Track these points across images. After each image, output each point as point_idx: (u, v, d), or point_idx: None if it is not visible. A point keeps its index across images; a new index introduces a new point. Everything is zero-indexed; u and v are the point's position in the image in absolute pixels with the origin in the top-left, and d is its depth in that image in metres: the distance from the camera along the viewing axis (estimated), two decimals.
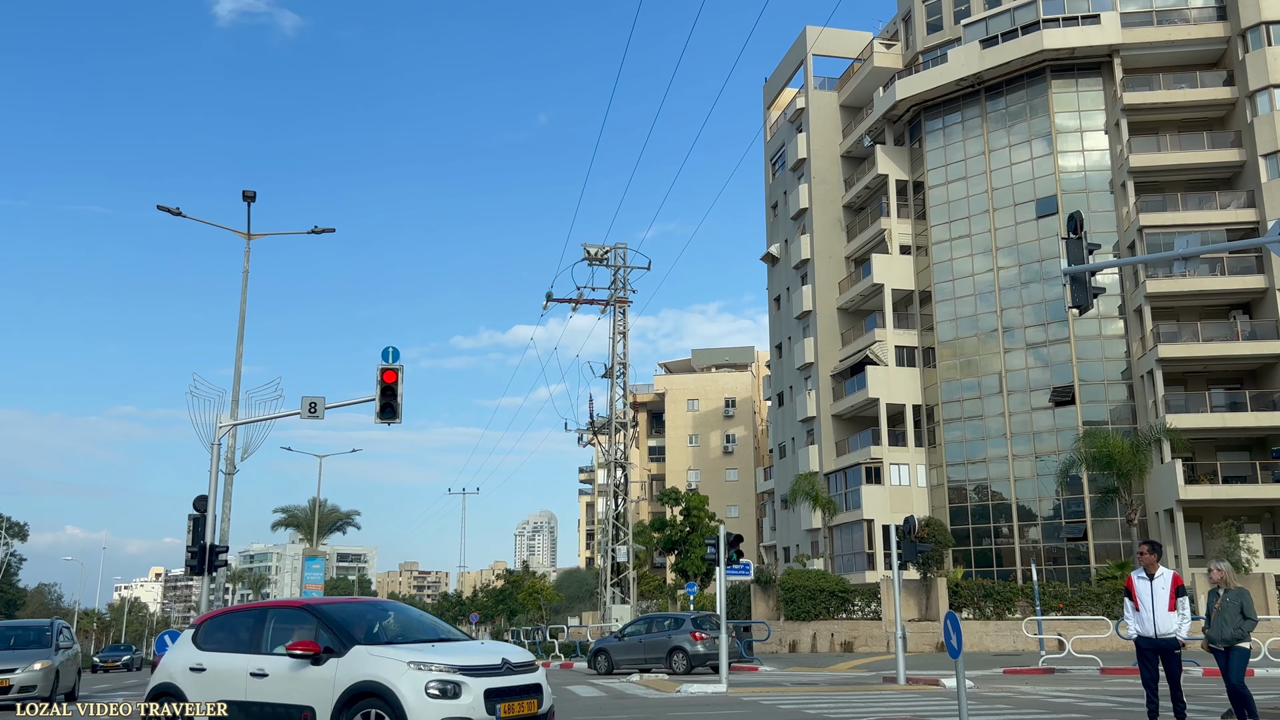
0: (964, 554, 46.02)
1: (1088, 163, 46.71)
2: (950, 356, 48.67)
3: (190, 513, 21.33)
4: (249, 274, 25.56)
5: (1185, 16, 46.25)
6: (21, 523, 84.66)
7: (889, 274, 49.84)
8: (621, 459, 46.34)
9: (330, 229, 26.50)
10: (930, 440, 49.27)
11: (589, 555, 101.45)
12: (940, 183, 50.27)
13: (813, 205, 54.89)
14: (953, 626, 10.93)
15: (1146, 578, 11.15)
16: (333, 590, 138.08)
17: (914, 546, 21.34)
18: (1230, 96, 44.68)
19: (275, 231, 27.81)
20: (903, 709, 14.90)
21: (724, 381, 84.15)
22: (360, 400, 21.83)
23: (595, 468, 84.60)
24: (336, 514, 78.83)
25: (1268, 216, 41.60)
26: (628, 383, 46.33)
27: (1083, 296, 15.92)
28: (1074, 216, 16.21)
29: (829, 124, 56.14)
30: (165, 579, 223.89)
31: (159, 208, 25.15)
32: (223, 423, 22.76)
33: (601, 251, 46.27)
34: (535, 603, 67.13)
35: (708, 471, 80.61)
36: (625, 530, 45.55)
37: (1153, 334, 42.17)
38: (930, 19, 52.58)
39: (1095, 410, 44.63)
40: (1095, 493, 42.11)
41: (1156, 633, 10.95)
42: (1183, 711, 11.03)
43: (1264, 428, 41.03)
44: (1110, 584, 35.21)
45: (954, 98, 49.94)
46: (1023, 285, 47.01)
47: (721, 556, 20.99)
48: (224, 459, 23.05)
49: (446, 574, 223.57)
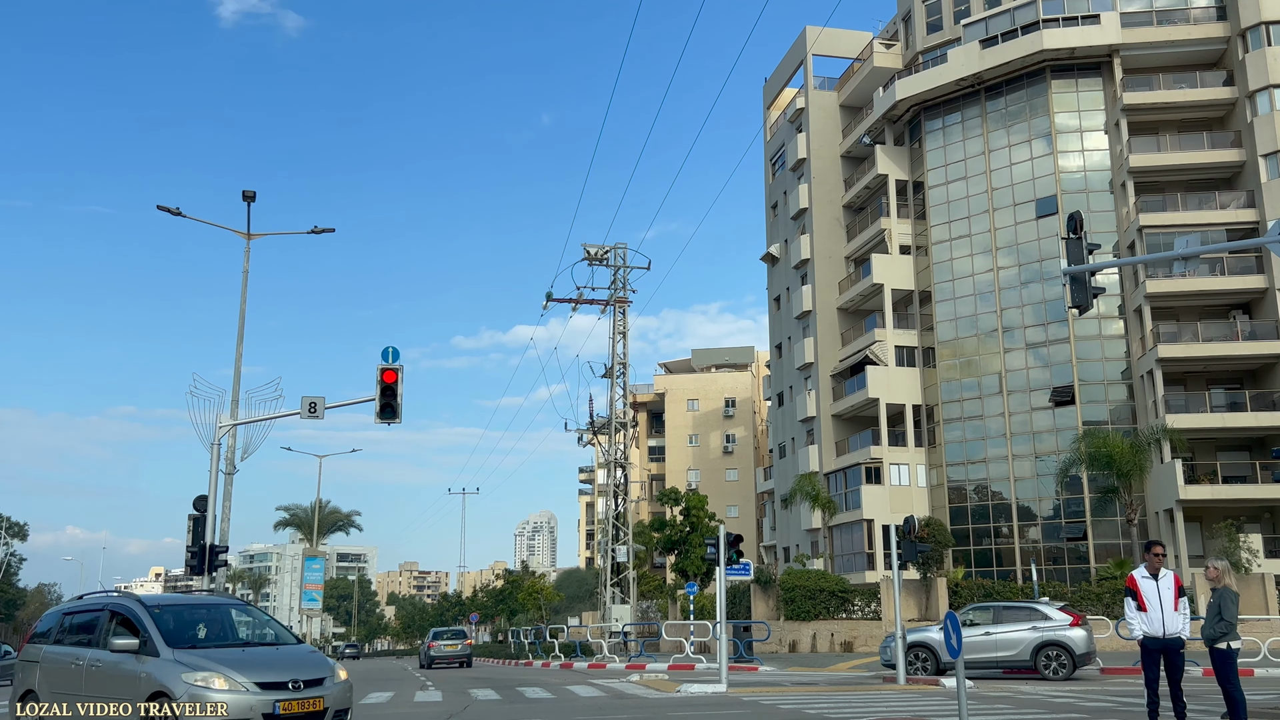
0: (964, 554, 46.02)
1: (1088, 163, 46.70)
2: (950, 356, 48.66)
3: (190, 513, 21.35)
4: (249, 274, 25.57)
5: (1185, 16, 46.24)
6: (21, 523, 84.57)
7: (889, 274, 49.84)
8: (621, 459, 46.32)
9: (330, 229, 26.51)
10: (930, 440, 49.26)
11: (589, 555, 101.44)
12: (940, 183, 50.26)
13: (813, 205, 54.89)
14: (952, 626, 10.94)
15: (1151, 577, 11.10)
16: (332, 590, 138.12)
17: (914, 546, 21.33)
18: (1230, 96, 44.67)
19: (275, 231, 27.84)
20: (903, 709, 14.89)
21: (724, 381, 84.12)
22: (360, 400, 21.84)
23: (595, 468, 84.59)
24: (337, 514, 78.97)
25: (1268, 216, 41.60)
26: (628, 383, 46.30)
27: (1083, 296, 15.92)
28: (1074, 216, 16.21)
29: (829, 124, 56.14)
30: (165, 579, 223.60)
31: (159, 208, 25.16)
32: (223, 423, 22.76)
33: (601, 251, 46.23)
34: (535, 603, 67.12)
35: (708, 471, 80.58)
36: (625, 530, 45.53)
37: (1153, 334, 42.16)
38: (930, 19, 52.58)
39: (1095, 410, 44.62)
40: (1095, 493, 42.10)
41: (1165, 632, 10.92)
42: (1183, 711, 11.02)
43: (1264, 428, 41.02)
44: (1110, 584, 35.20)
45: (954, 98, 49.93)
46: (1023, 285, 47.01)
47: (721, 556, 20.98)
48: (224, 459, 23.04)
49: (446, 574, 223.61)
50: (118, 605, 11.04)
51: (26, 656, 11.71)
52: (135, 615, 10.58)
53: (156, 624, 10.36)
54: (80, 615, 11.52)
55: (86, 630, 11.09)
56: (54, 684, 10.89)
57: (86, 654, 10.70)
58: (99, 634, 10.75)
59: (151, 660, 9.90)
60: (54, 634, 11.55)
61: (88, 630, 11.07)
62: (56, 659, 11.11)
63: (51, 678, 11.00)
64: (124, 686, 9.96)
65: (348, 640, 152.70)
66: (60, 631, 11.51)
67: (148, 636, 10.16)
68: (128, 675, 9.98)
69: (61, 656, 11.06)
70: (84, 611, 11.52)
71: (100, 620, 10.92)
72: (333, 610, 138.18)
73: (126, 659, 10.12)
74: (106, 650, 10.42)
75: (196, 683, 9.48)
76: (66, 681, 10.73)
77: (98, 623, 10.93)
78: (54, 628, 11.67)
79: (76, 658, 10.80)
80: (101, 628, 10.78)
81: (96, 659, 10.49)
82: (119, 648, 10.15)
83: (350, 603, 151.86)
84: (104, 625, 10.77)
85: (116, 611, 10.89)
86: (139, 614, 10.56)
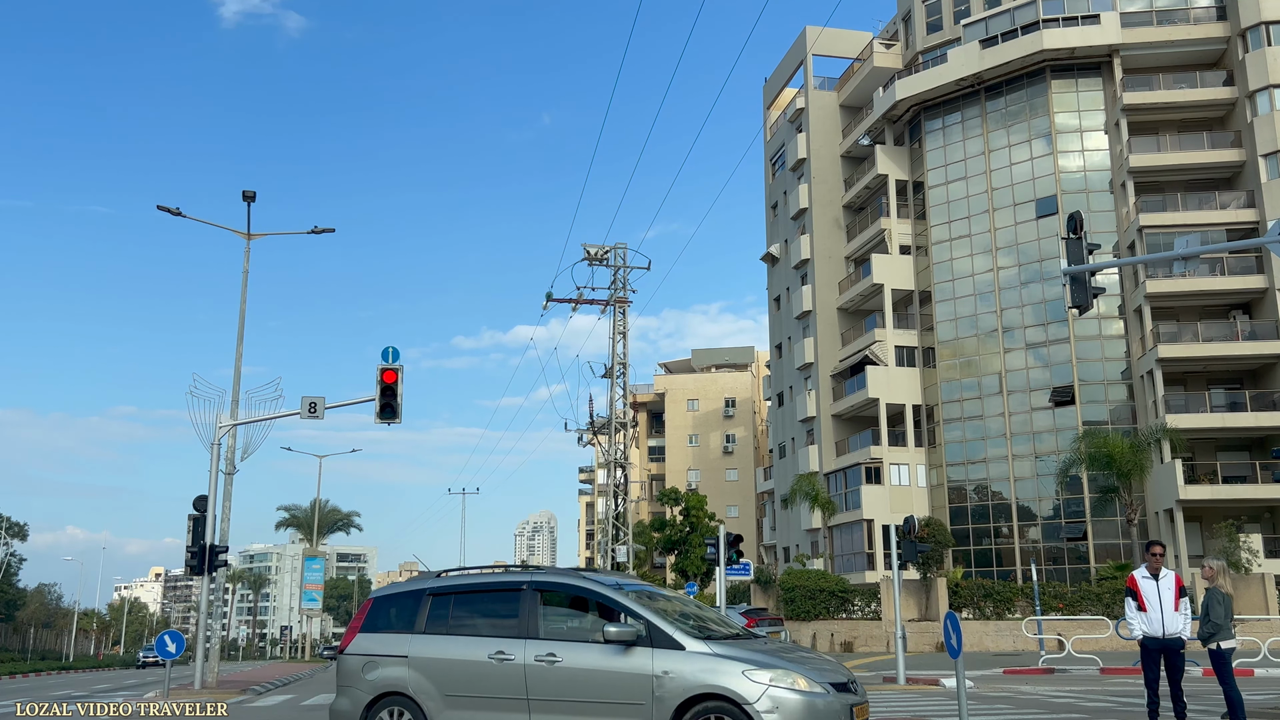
0: (964, 554, 46.02)
1: (1088, 163, 46.70)
2: (950, 356, 48.66)
3: (190, 513, 21.35)
4: (249, 274, 25.54)
5: (1185, 16, 46.24)
6: (21, 523, 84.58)
7: (889, 274, 49.84)
8: (621, 459, 46.30)
9: (330, 229, 26.47)
10: (930, 440, 49.26)
11: (589, 555, 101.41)
12: (940, 183, 50.27)
13: (812, 205, 54.90)
14: (953, 626, 10.94)
15: (1151, 577, 11.10)
16: (332, 590, 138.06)
17: (914, 546, 21.34)
18: (1230, 96, 44.67)
19: (275, 231, 27.79)
20: (903, 709, 14.89)
21: (724, 381, 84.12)
22: (360, 400, 21.84)
23: (595, 468, 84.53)
24: (337, 514, 79.01)
25: (1268, 216, 41.60)
26: (628, 383, 46.27)
27: (1083, 296, 15.92)
28: (1074, 216, 16.20)
29: (829, 124, 56.15)
30: (165, 579, 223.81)
31: (159, 208, 25.12)
32: (223, 423, 22.76)
33: (601, 251, 46.17)
34: None
35: (708, 471, 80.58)
36: (625, 530, 45.52)
37: (1153, 334, 42.16)
38: (930, 19, 52.59)
39: (1095, 410, 44.62)
40: (1095, 493, 42.09)
41: (1165, 633, 10.92)
42: (1183, 711, 11.02)
43: (1264, 428, 41.01)
44: (1110, 584, 35.22)
45: (954, 98, 49.93)
46: (1023, 285, 47.01)
47: (721, 556, 20.99)
48: (224, 459, 23.04)
49: None
50: (556, 584, 9.03)
51: (378, 649, 9.23)
52: (607, 598, 8.60)
53: (650, 609, 8.38)
54: (476, 597, 9.24)
55: (494, 615, 9.00)
56: (446, 684, 8.78)
57: (520, 646, 8.55)
58: (528, 620, 8.67)
59: (670, 654, 7.99)
60: (421, 622, 9.17)
61: (496, 615, 8.97)
62: (448, 652, 8.88)
63: (439, 676, 8.82)
64: (616, 688, 8.06)
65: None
66: (436, 619, 9.15)
67: (651, 624, 8.16)
68: (625, 674, 8.05)
69: (459, 649, 8.85)
70: (482, 591, 9.27)
71: (525, 602, 8.79)
72: (333, 610, 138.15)
73: (612, 652, 8.17)
74: (567, 641, 8.50)
75: (772, 683, 7.64)
76: (474, 681, 8.65)
77: (522, 606, 8.78)
78: (419, 614, 9.23)
79: (500, 651, 8.60)
80: (533, 612, 8.71)
81: (547, 653, 8.42)
82: (615, 637, 8.10)
83: (350, 603, 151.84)
84: (533, 609, 8.72)
85: (555, 590, 8.99)
86: (611, 596, 8.57)
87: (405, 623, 9.29)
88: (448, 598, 9.29)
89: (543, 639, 8.58)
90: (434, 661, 8.91)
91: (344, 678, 9.36)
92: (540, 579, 9.02)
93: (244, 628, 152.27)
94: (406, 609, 9.40)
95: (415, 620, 9.23)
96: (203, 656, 22.85)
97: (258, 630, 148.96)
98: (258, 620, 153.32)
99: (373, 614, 9.58)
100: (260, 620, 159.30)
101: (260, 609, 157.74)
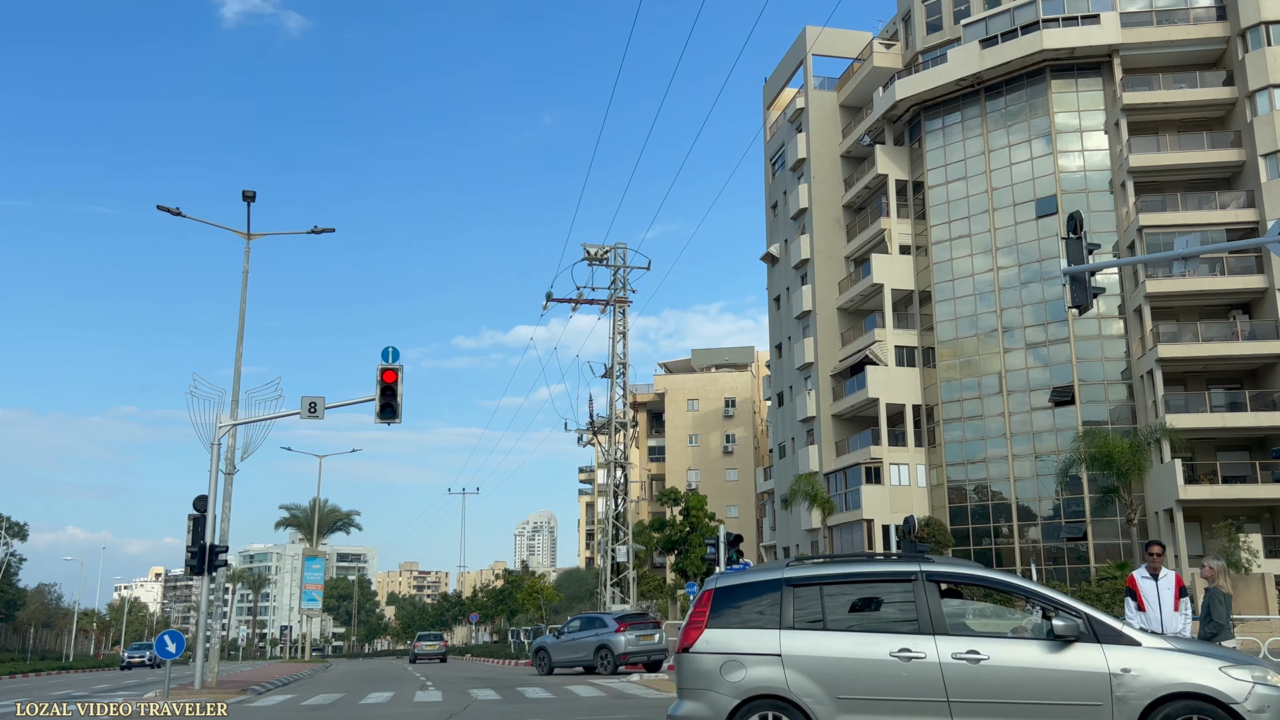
0: (964, 554, 45.99)
1: (1087, 163, 46.72)
2: (950, 356, 48.68)
3: (190, 513, 21.34)
4: (249, 274, 25.54)
5: (1185, 16, 46.25)
6: (21, 523, 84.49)
7: (889, 274, 49.86)
8: (621, 459, 46.31)
9: (330, 229, 26.47)
10: (930, 440, 49.28)
11: (589, 555, 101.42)
12: (940, 182, 50.28)
13: (812, 205, 54.91)
14: None
15: (1150, 577, 11.10)
16: (332, 590, 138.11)
17: (914, 546, 21.36)
18: (1230, 96, 44.68)
19: (275, 231, 27.80)
20: None
21: (724, 381, 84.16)
22: (360, 400, 21.86)
23: (595, 468, 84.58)
24: (337, 514, 79.14)
25: (1268, 216, 41.61)
26: (628, 383, 46.28)
27: (1083, 296, 15.93)
28: (1074, 216, 16.23)
29: (829, 124, 56.16)
30: (165, 579, 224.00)
31: (159, 208, 25.12)
32: (223, 423, 22.76)
33: (601, 251, 46.20)
34: (535, 603, 67.13)
35: (708, 471, 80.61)
36: (625, 530, 45.51)
37: (1152, 334, 42.18)
38: (930, 19, 52.59)
39: (1095, 410, 44.64)
40: (1095, 493, 42.11)
41: (1164, 633, 10.92)
42: None
43: (1264, 428, 41.04)
44: (1110, 584, 35.13)
45: (954, 98, 49.94)
46: (1023, 285, 47.03)
47: (721, 556, 21.01)
48: (224, 459, 23.03)
49: (446, 574, 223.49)
50: (956, 574, 8.36)
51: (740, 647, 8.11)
52: (1025, 589, 8.19)
53: (1079, 601, 7.95)
54: (853, 589, 8.40)
55: (880, 609, 8.31)
56: (836, 686, 7.82)
57: (929, 643, 7.71)
58: (928, 613, 7.82)
59: (1124, 650, 7.49)
60: (787, 616, 8.11)
61: (883, 609, 8.28)
62: (835, 650, 7.91)
63: (825, 677, 7.84)
64: (1063, 687, 7.46)
65: (348, 640, 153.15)
66: (804, 612, 8.13)
67: (1092, 618, 7.65)
68: (1075, 672, 7.45)
69: (849, 647, 7.91)
70: (861, 582, 8.46)
71: (920, 594, 7.93)
72: (333, 610, 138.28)
73: (1050, 649, 7.58)
74: (986, 637, 7.82)
75: (1256, 681, 7.25)
76: (873, 682, 7.75)
77: (916, 598, 7.93)
78: (782, 607, 8.15)
79: (905, 649, 7.73)
80: (934, 605, 7.85)
81: (967, 651, 7.62)
82: (1062, 632, 7.51)
83: (350, 603, 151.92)
84: (933, 602, 7.87)
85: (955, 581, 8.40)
86: (1029, 587, 8.18)
87: (766, 617, 8.17)
88: (814, 588, 8.22)
89: (952, 635, 7.77)
90: (818, 660, 7.89)
91: (696, 679, 8.17)
92: (936, 569, 8.14)
93: (244, 628, 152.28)
94: (763, 601, 8.28)
95: (778, 614, 8.13)
96: (203, 656, 22.84)
97: (258, 630, 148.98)
98: (258, 620, 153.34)
99: (718, 607, 8.40)
100: (260, 620, 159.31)
101: (260, 609, 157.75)
